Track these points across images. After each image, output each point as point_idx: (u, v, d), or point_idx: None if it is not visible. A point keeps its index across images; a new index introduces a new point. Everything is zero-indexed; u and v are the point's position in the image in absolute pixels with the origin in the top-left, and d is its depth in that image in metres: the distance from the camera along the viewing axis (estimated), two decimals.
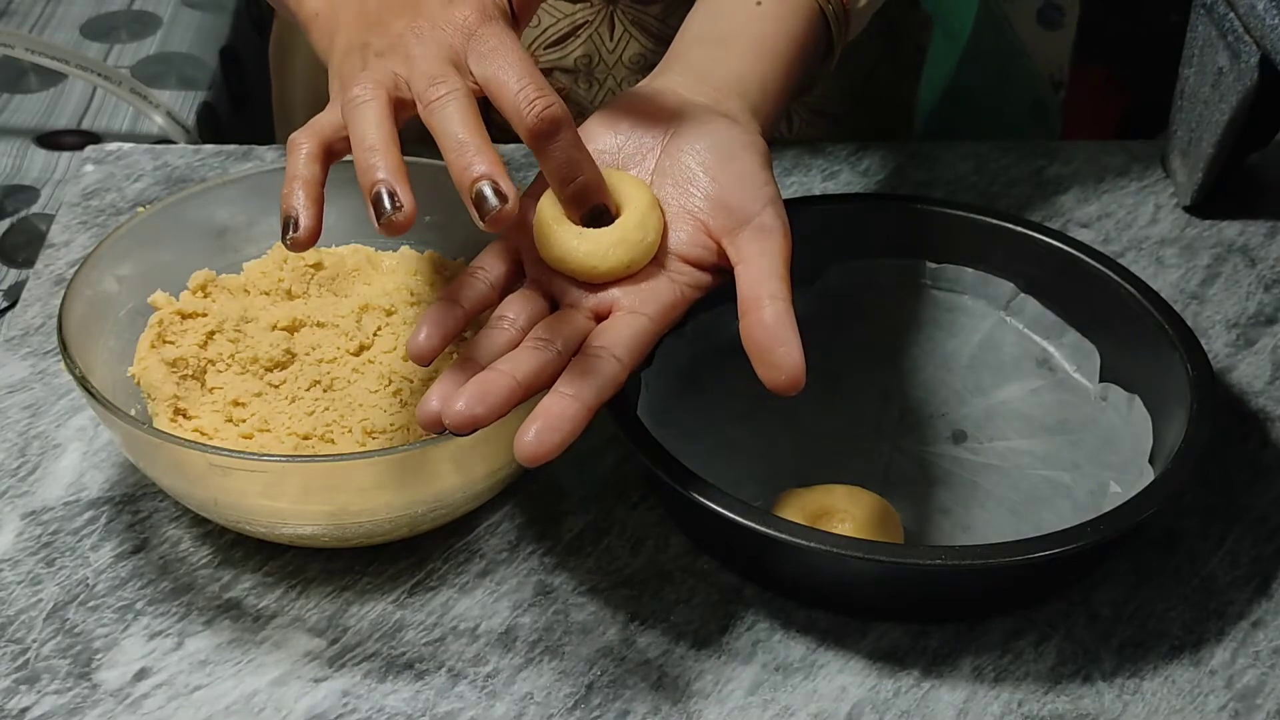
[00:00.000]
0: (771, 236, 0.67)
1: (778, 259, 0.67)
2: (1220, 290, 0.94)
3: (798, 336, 0.64)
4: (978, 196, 1.00)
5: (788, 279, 0.66)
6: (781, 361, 0.64)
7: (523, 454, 0.62)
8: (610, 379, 0.64)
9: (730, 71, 0.74)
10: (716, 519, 0.70)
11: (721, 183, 0.69)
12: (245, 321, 0.79)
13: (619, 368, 0.65)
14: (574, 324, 0.67)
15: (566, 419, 0.62)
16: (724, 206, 0.68)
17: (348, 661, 0.72)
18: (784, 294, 0.65)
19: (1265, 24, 0.87)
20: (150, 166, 1.01)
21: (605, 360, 0.65)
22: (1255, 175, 1.02)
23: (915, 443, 0.82)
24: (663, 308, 0.68)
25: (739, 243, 0.68)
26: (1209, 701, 0.71)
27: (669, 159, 0.70)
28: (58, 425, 0.83)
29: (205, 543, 0.77)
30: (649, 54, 0.97)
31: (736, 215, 0.68)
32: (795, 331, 0.64)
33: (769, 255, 0.67)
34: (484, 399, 0.62)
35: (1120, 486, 0.78)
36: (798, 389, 0.64)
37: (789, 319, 0.65)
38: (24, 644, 0.72)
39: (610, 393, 0.64)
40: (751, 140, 0.71)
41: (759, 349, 0.65)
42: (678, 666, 0.72)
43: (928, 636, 0.73)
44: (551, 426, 0.62)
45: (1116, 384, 0.83)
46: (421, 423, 0.63)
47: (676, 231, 0.69)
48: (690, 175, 0.69)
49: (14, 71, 1.50)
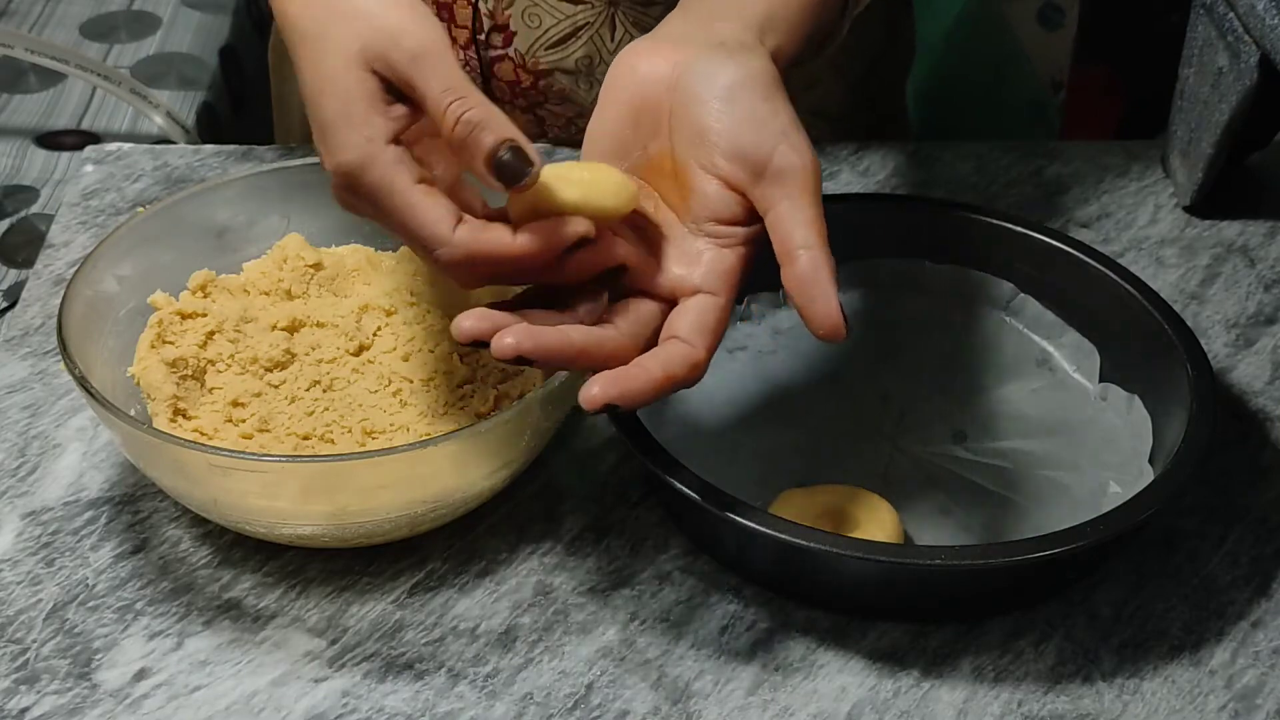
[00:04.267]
0: (791, 178, 0.65)
1: (802, 201, 0.65)
2: (1220, 290, 0.94)
3: (832, 285, 0.64)
4: (978, 196, 1.00)
5: (816, 220, 0.65)
6: (817, 316, 0.64)
7: (583, 397, 0.63)
8: (684, 361, 0.64)
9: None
10: (716, 519, 0.70)
11: (730, 131, 0.67)
12: (245, 321, 0.79)
13: (693, 350, 0.65)
14: (642, 312, 0.67)
15: (631, 380, 0.63)
16: (739, 156, 0.66)
17: (348, 662, 0.72)
18: (814, 240, 0.64)
19: (1265, 24, 0.87)
20: (150, 166, 1.01)
21: (678, 345, 0.65)
22: (1255, 175, 1.02)
23: (915, 443, 0.82)
24: (721, 275, 0.67)
25: (762, 193, 0.66)
26: (1209, 701, 0.71)
27: (678, 122, 0.68)
28: (58, 425, 0.83)
29: (205, 543, 0.77)
30: None
31: (752, 161, 0.66)
32: (829, 281, 0.64)
33: (792, 199, 0.65)
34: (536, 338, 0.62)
35: (1120, 486, 0.78)
36: (839, 339, 0.64)
37: (821, 269, 0.64)
38: (24, 644, 0.72)
39: (685, 373, 0.64)
40: (750, 71, 0.67)
41: (798, 304, 0.64)
42: (678, 666, 0.72)
43: (928, 636, 0.73)
44: (612, 379, 0.63)
45: (1116, 384, 0.83)
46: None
47: (707, 194, 0.67)
48: (700, 132, 0.67)
49: (14, 71, 1.50)
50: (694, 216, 0.68)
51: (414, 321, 0.80)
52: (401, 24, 0.65)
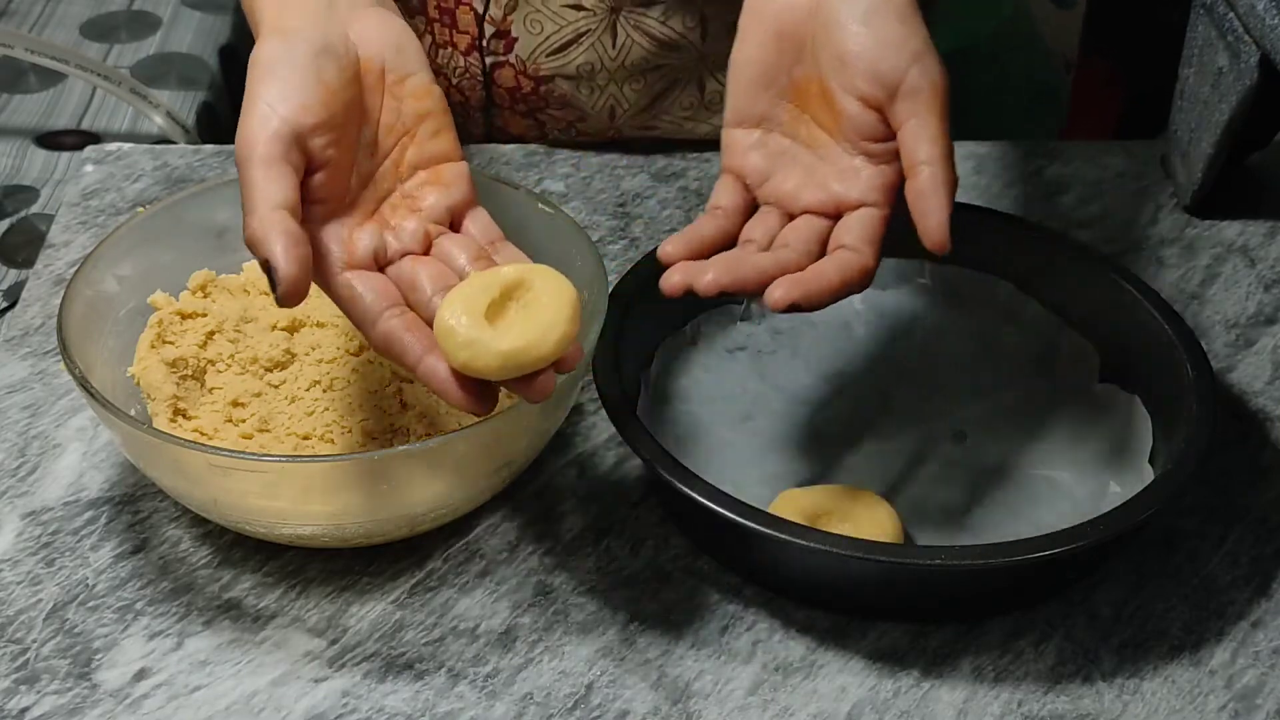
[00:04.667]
0: (919, 96, 0.69)
1: (929, 119, 0.69)
2: (1220, 290, 0.94)
3: (946, 202, 0.68)
4: (978, 196, 1.00)
5: (941, 137, 0.69)
6: (929, 229, 0.68)
7: (768, 298, 0.67)
8: (855, 266, 0.69)
9: None
10: (716, 519, 0.70)
11: (868, 54, 0.70)
12: (245, 321, 0.79)
13: (861, 256, 0.69)
14: (812, 228, 0.71)
15: (810, 282, 0.67)
16: (875, 77, 0.70)
17: (348, 661, 0.72)
18: (936, 155, 0.68)
19: (1265, 24, 0.87)
20: (150, 166, 1.01)
21: (847, 253, 0.69)
22: (1255, 175, 1.02)
23: (915, 443, 0.82)
24: (880, 189, 0.71)
25: (895, 111, 0.70)
26: (1209, 701, 0.71)
27: (819, 46, 0.72)
28: (58, 425, 0.83)
29: (205, 543, 0.77)
30: (651, 58, 0.97)
31: (888, 82, 0.70)
32: (944, 197, 0.68)
33: (919, 117, 0.69)
34: (732, 271, 0.68)
35: (1120, 486, 0.78)
36: (943, 252, 0.68)
37: (939, 185, 0.68)
38: (24, 644, 0.72)
39: (858, 278, 0.69)
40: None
41: (914, 216, 0.69)
42: (678, 666, 0.72)
43: (927, 636, 0.73)
44: (794, 282, 0.67)
45: (1116, 384, 0.83)
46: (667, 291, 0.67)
47: (853, 115, 0.71)
48: (841, 56, 0.71)
49: (14, 71, 1.50)
50: (846, 136, 0.72)
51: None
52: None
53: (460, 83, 1.01)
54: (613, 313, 0.77)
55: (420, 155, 0.71)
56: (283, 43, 0.67)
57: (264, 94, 0.66)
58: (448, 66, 1.01)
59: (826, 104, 0.72)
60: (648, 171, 1.01)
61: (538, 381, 0.64)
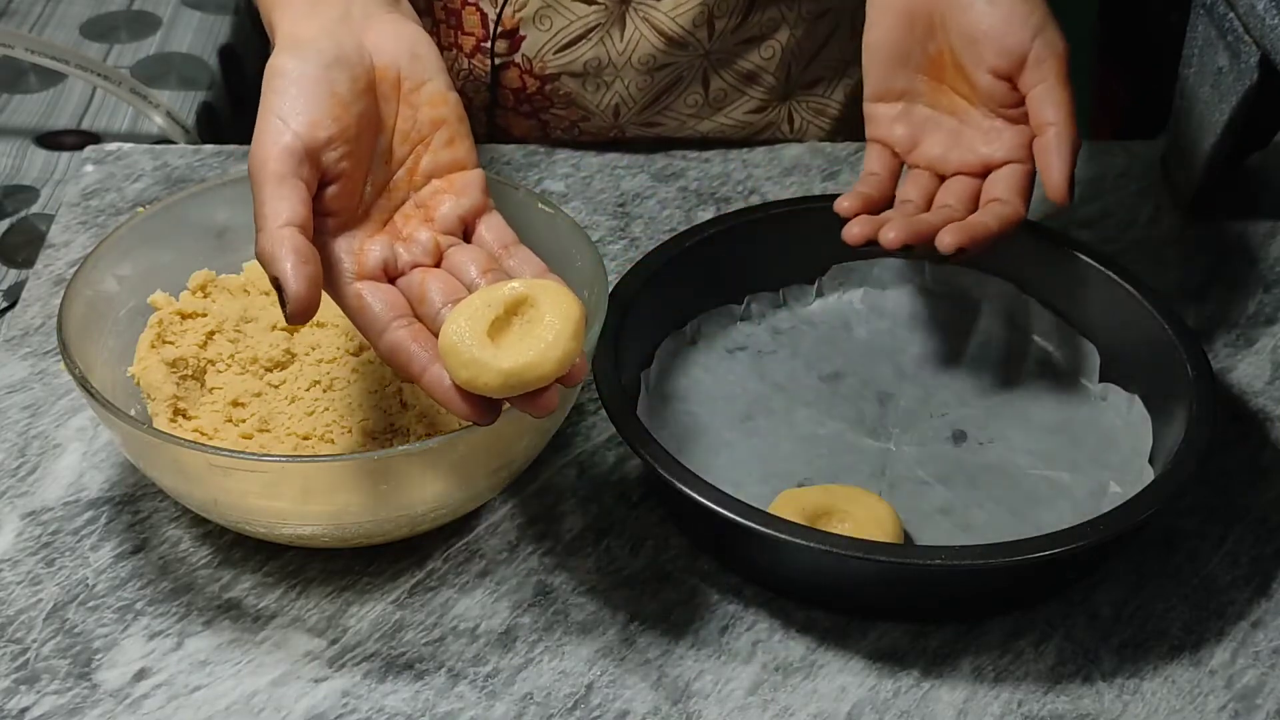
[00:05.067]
0: (1044, 65, 0.78)
1: (1054, 84, 0.78)
2: (1220, 290, 0.94)
3: (1066, 157, 0.77)
4: None
5: (1065, 101, 0.78)
6: (1051, 182, 0.77)
7: (939, 243, 0.76)
8: (1009, 215, 0.78)
9: None
10: (716, 519, 0.70)
11: (995, 31, 0.78)
12: (245, 321, 0.79)
13: (1013, 207, 0.78)
14: (965, 186, 0.80)
15: (975, 228, 0.76)
16: (1004, 52, 0.78)
17: (348, 662, 0.72)
18: (1060, 117, 0.77)
19: (1265, 24, 0.87)
20: (150, 166, 1.01)
21: (1000, 204, 0.79)
22: (1255, 175, 1.02)
23: (915, 443, 0.82)
24: (1021, 147, 0.79)
25: (1023, 80, 0.78)
26: (1209, 701, 0.71)
27: (949, 25, 0.79)
28: (58, 425, 0.83)
29: (205, 543, 0.77)
30: (659, 54, 0.98)
31: (1015, 55, 0.78)
32: (1067, 155, 0.77)
33: (1046, 83, 0.78)
34: (910, 226, 0.76)
35: (1120, 486, 0.78)
36: (1062, 205, 0.78)
37: (1063, 144, 0.77)
38: (24, 644, 0.72)
39: (1012, 225, 0.78)
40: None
41: (1040, 171, 0.78)
42: (678, 666, 0.72)
43: (928, 636, 0.73)
44: (960, 229, 0.76)
45: (1116, 384, 0.83)
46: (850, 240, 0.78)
47: (987, 86, 0.79)
48: (970, 35, 0.79)
49: (14, 71, 1.50)
50: (983, 103, 0.80)
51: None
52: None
53: (464, 85, 1.01)
54: (613, 313, 0.77)
55: (434, 163, 0.70)
56: (296, 54, 0.67)
57: (276, 107, 0.66)
58: (452, 69, 1.01)
59: (961, 76, 0.80)
60: (648, 171, 1.01)
61: (541, 399, 0.64)
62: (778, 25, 1.00)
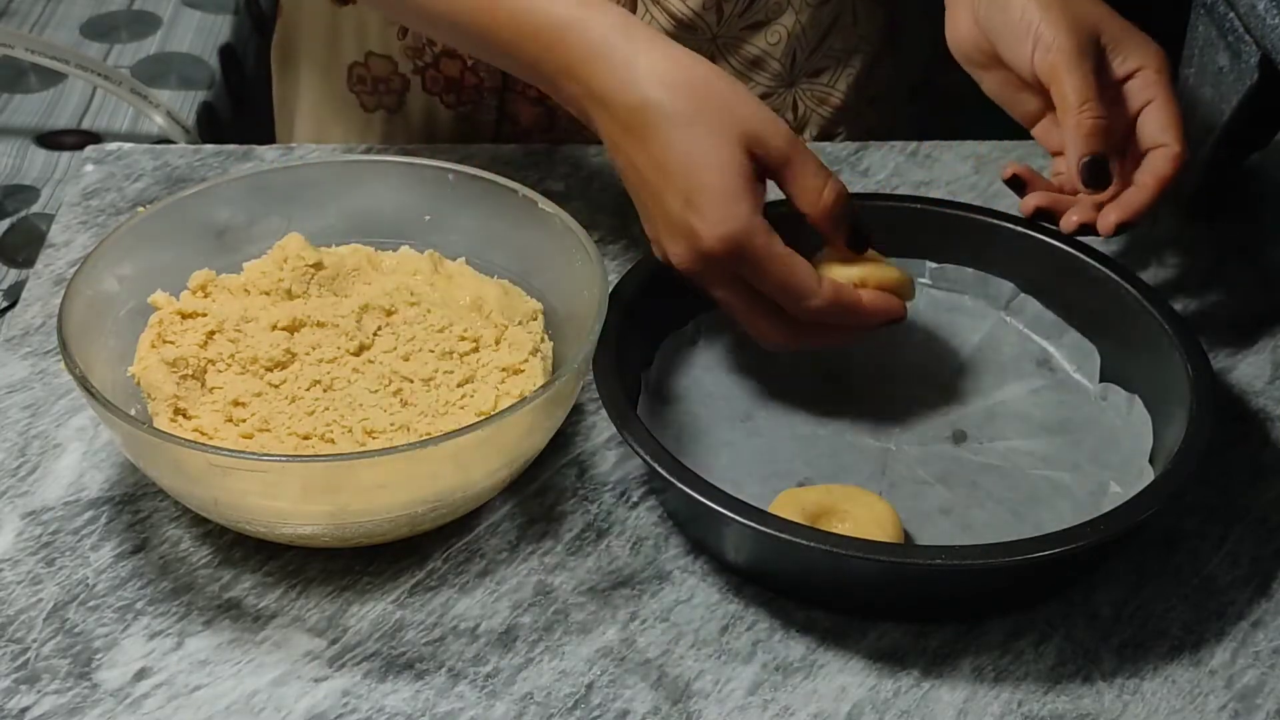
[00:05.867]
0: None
1: (1070, 56, 0.83)
2: (1220, 290, 0.94)
3: (1081, 143, 0.82)
4: (978, 196, 1.00)
5: (1085, 76, 0.83)
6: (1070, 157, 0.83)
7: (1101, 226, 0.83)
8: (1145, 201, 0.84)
9: None
10: (716, 519, 0.70)
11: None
12: (245, 321, 0.79)
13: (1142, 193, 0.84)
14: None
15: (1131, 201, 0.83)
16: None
17: (348, 661, 0.72)
18: (1078, 100, 0.82)
19: (1265, 24, 0.87)
20: (150, 166, 1.01)
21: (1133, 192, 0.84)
22: (1255, 175, 1.02)
23: (915, 443, 0.82)
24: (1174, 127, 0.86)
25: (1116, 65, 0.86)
26: (1209, 701, 0.71)
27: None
28: (58, 425, 0.83)
29: (205, 543, 0.77)
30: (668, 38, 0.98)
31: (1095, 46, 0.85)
32: (1081, 141, 0.82)
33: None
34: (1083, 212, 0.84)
35: (1120, 486, 0.78)
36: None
37: (1082, 131, 0.82)
38: (24, 644, 0.72)
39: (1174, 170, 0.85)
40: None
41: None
42: (678, 666, 0.72)
43: (928, 636, 0.73)
44: (1117, 207, 0.83)
45: (1116, 384, 0.83)
46: (1066, 230, 0.84)
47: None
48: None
49: (14, 71, 1.50)
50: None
51: (414, 321, 0.80)
52: (767, 115, 0.77)
53: (476, 63, 1.02)
54: (613, 313, 0.77)
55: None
56: None
57: None
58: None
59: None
60: None
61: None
62: (783, 9, 1.01)
